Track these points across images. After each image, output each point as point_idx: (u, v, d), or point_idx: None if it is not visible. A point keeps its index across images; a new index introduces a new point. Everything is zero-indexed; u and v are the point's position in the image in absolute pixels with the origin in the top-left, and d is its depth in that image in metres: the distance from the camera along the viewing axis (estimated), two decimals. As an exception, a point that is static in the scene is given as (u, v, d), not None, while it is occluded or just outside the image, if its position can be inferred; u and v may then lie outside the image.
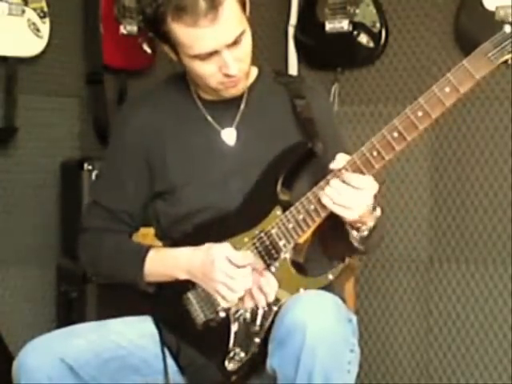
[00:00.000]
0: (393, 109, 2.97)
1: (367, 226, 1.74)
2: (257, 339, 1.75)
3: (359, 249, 1.78)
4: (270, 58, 3.11)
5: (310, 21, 3.09)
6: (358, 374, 1.71)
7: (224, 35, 1.71)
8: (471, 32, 2.83)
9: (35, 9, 2.79)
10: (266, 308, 1.75)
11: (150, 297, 1.89)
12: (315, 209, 1.72)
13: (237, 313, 1.78)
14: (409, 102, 1.64)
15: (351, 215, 1.69)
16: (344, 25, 3.01)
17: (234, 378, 1.78)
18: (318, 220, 1.74)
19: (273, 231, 1.76)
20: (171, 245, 1.89)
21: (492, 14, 2.77)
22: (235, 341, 1.78)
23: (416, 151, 2.99)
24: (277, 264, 1.76)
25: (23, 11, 2.75)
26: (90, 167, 2.87)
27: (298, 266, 1.78)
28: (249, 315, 1.77)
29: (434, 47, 2.98)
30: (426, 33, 3.00)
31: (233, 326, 1.78)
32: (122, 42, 3.14)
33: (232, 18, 1.71)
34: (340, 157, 1.70)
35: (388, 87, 3.03)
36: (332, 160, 1.70)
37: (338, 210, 1.69)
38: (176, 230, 1.88)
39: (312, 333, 1.57)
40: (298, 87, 1.92)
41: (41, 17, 2.81)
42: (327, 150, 1.78)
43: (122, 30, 3.13)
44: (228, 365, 1.77)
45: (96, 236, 1.94)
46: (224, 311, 1.79)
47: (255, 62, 1.88)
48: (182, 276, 1.81)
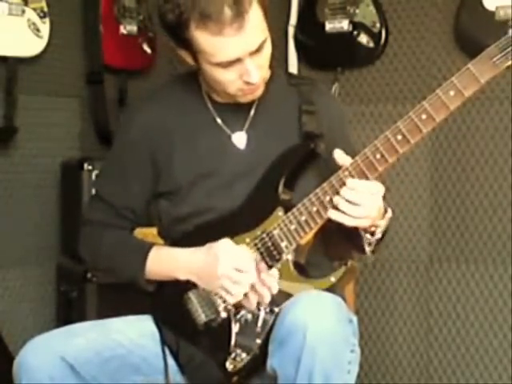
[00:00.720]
0: (393, 109, 2.96)
1: (381, 229, 1.75)
2: (258, 340, 1.75)
3: (368, 251, 1.79)
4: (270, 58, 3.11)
5: (310, 21, 3.09)
6: (358, 374, 1.70)
7: (248, 44, 1.69)
8: (471, 32, 2.83)
9: (35, 9, 2.78)
10: (268, 309, 1.75)
11: (151, 296, 1.89)
12: (318, 210, 1.72)
13: (238, 314, 1.78)
14: (409, 102, 1.64)
15: (367, 223, 1.70)
16: (344, 25, 3.01)
17: (235, 379, 1.77)
18: (321, 222, 1.73)
19: (275, 232, 1.76)
20: (171, 244, 1.89)
21: (492, 14, 2.77)
22: (236, 342, 1.78)
23: (416, 151, 2.98)
24: (278, 265, 1.76)
25: (23, 11, 2.74)
26: (90, 167, 2.87)
27: (300, 268, 1.78)
28: (250, 316, 1.77)
29: (434, 47, 2.98)
30: (426, 33, 3.00)
31: (234, 327, 1.78)
32: (122, 42, 3.14)
33: (256, 26, 1.69)
34: (341, 154, 1.70)
35: (388, 87, 3.03)
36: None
37: (358, 223, 1.68)
38: (176, 230, 1.88)
39: (312, 333, 1.57)
40: (309, 91, 1.90)
41: (41, 17, 2.80)
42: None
43: (122, 30, 3.12)
44: (229, 365, 1.77)
45: (97, 230, 1.93)
46: (225, 311, 1.79)
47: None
48: (182, 277, 1.81)
